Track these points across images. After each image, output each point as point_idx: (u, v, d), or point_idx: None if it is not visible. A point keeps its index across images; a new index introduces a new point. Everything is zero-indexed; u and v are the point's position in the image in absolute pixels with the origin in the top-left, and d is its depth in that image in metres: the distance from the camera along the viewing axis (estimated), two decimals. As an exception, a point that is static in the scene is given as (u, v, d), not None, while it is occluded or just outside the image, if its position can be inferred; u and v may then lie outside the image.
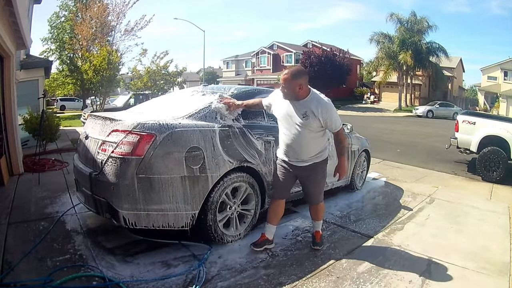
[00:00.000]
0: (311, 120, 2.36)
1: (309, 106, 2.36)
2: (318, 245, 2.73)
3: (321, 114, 2.34)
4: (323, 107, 2.35)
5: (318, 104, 2.36)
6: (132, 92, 15.99)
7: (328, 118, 2.37)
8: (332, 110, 2.40)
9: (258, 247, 2.63)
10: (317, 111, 2.34)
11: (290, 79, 2.34)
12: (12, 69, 4.67)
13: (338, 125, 2.45)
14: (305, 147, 2.48)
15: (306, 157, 2.50)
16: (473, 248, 2.94)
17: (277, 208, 2.69)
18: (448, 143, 7.04)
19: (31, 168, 4.82)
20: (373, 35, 28.17)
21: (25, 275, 2.10)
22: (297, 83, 2.33)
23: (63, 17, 19.19)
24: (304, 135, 2.42)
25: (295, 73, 2.36)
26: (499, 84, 27.18)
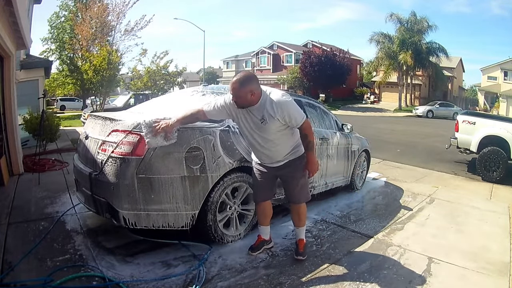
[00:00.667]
0: (271, 123, 2.20)
1: (264, 110, 2.19)
2: (301, 255, 2.54)
3: (278, 114, 2.18)
4: (278, 106, 2.18)
5: (272, 104, 2.19)
6: (132, 92, 16.00)
7: (286, 115, 2.19)
8: (288, 105, 2.20)
9: (256, 250, 2.58)
10: (273, 112, 2.18)
11: (239, 87, 2.13)
12: (12, 69, 4.67)
13: (300, 119, 2.24)
14: (275, 150, 2.34)
15: (279, 158, 2.38)
16: (473, 248, 2.94)
17: (264, 210, 2.60)
18: (448, 143, 7.04)
19: (31, 168, 4.82)
20: (373, 35, 28.19)
21: (25, 275, 2.10)
22: (248, 90, 2.13)
23: (63, 17, 19.17)
24: (269, 139, 2.28)
25: (244, 80, 2.15)
26: (499, 84, 27.18)
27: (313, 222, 3.34)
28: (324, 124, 4.02)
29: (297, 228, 2.62)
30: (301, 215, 2.56)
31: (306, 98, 4.10)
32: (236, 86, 2.13)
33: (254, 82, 2.17)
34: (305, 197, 2.53)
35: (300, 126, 2.27)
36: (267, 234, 2.67)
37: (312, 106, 3.96)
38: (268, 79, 34.21)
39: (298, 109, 2.26)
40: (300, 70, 27.99)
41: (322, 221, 3.39)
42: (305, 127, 2.30)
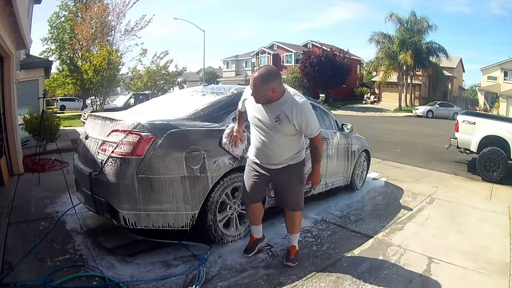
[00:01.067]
0: (285, 124, 2.10)
1: (282, 109, 2.09)
2: (291, 262, 2.42)
3: (296, 118, 2.07)
4: (298, 110, 2.07)
5: (293, 107, 2.07)
6: (132, 92, 16.00)
7: (304, 122, 2.10)
8: (309, 112, 2.11)
9: (250, 251, 2.51)
10: (291, 115, 2.07)
11: (260, 83, 2.02)
12: (12, 69, 4.67)
13: (315, 130, 2.17)
14: (278, 152, 2.24)
15: (279, 160, 2.27)
16: (473, 248, 2.94)
17: (254, 211, 2.49)
18: (448, 143, 7.04)
19: (31, 168, 4.82)
20: (372, 35, 28.21)
21: (25, 275, 2.10)
22: (270, 87, 2.02)
23: (63, 17, 19.18)
24: (277, 139, 2.18)
25: (267, 76, 2.02)
26: (499, 84, 27.18)
27: (313, 222, 3.34)
28: (324, 124, 4.02)
29: (290, 235, 2.51)
30: (296, 222, 2.46)
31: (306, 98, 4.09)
32: (258, 82, 2.02)
33: (277, 79, 2.06)
34: (301, 205, 2.44)
35: (314, 137, 2.21)
36: (260, 233, 2.60)
37: (312, 106, 3.95)
38: (268, 79, 34.21)
39: (315, 119, 2.19)
40: (300, 70, 28.00)
41: (322, 221, 3.39)
42: (318, 138, 2.24)
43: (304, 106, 2.10)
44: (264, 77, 2.02)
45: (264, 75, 2.02)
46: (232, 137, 2.51)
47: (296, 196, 2.39)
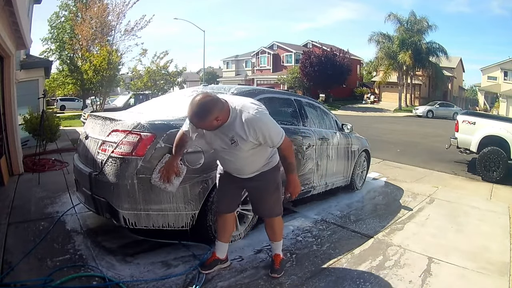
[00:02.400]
0: (242, 144, 1.88)
1: (234, 130, 1.86)
2: (277, 272, 2.26)
3: (251, 135, 1.84)
4: (250, 126, 1.83)
5: (243, 125, 1.83)
6: (132, 92, 16.00)
7: (260, 135, 1.85)
8: (262, 123, 1.85)
9: (207, 269, 2.25)
10: (244, 134, 1.84)
11: (198, 122, 1.79)
12: (12, 69, 4.67)
13: (277, 139, 1.90)
14: (247, 165, 2.06)
15: (250, 172, 2.10)
16: (473, 248, 2.94)
17: (225, 223, 2.29)
18: (448, 143, 7.05)
19: (31, 168, 4.82)
20: (372, 34, 28.20)
21: (25, 275, 2.10)
22: (210, 119, 1.77)
23: (63, 17, 19.17)
24: (241, 156, 1.98)
25: (201, 112, 1.74)
26: (499, 84, 27.19)
27: (313, 222, 3.34)
28: (324, 124, 4.02)
29: (272, 243, 2.34)
30: (276, 229, 2.29)
31: (306, 98, 4.10)
32: (195, 121, 1.80)
33: (215, 108, 1.77)
34: (278, 211, 2.25)
35: (279, 146, 1.95)
36: (223, 253, 2.34)
37: (312, 106, 3.96)
38: (268, 79, 34.26)
39: (274, 126, 1.91)
40: (300, 70, 28.01)
41: (322, 221, 3.39)
42: (284, 147, 1.96)
43: (255, 119, 1.83)
44: (200, 114, 1.75)
45: (198, 112, 1.75)
46: (165, 173, 2.15)
47: (272, 203, 2.20)
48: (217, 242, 2.33)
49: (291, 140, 3.21)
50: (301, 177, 3.42)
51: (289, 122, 3.44)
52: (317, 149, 3.63)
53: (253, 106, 1.88)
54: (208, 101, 1.76)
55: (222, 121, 1.83)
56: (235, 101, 1.90)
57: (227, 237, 2.35)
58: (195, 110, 1.75)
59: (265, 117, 1.88)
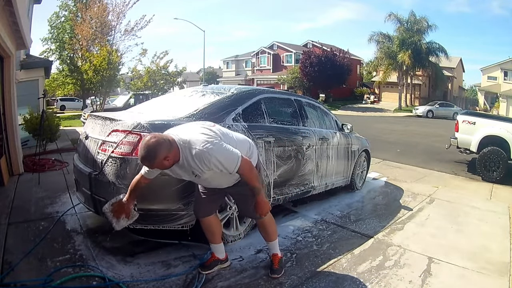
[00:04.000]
0: (202, 173, 1.90)
1: (190, 165, 1.87)
2: (276, 273, 2.25)
3: (207, 167, 1.84)
4: (201, 160, 1.82)
5: (195, 162, 1.83)
6: (132, 92, 15.99)
7: (214, 166, 1.84)
8: (212, 155, 1.81)
9: (207, 269, 2.26)
10: (199, 169, 1.86)
11: (149, 164, 1.83)
12: (12, 69, 4.67)
13: (232, 167, 1.87)
14: (223, 181, 2.08)
15: (229, 183, 2.11)
16: (473, 248, 2.94)
17: (210, 226, 2.24)
18: (448, 143, 7.05)
19: (31, 168, 4.82)
20: (372, 34, 28.16)
21: (25, 275, 2.10)
22: (160, 160, 1.78)
23: (63, 17, 19.17)
24: (213, 177, 1.98)
25: (148, 156, 1.75)
26: (499, 84, 27.18)
27: (313, 222, 3.34)
28: (324, 124, 4.02)
29: (268, 243, 2.34)
30: (269, 229, 2.27)
31: (306, 98, 4.10)
32: (146, 164, 1.83)
33: (161, 150, 1.76)
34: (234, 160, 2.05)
35: (238, 171, 1.90)
36: (222, 253, 2.34)
37: (312, 106, 3.96)
38: (268, 79, 34.25)
39: (226, 155, 1.86)
40: (300, 70, 28.00)
41: (322, 221, 3.39)
42: (242, 172, 1.91)
43: (202, 154, 1.81)
44: (147, 157, 1.76)
45: (146, 156, 1.76)
46: (116, 210, 2.11)
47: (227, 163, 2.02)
48: (211, 245, 2.32)
49: (291, 140, 3.25)
50: (301, 177, 3.43)
51: (289, 122, 3.44)
52: (317, 149, 3.63)
53: (200, 139, 1.84)
54: (153, 144, 1.75)
55: (173, 159, 1.83)
56: (183, 137, 1.86)
57: (217, 238, 2.31)
58: (142, 154, 1.76)
59: (213, 149, 1.82)
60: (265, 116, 3.12)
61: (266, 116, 3.13)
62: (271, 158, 2.98)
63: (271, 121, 3.15)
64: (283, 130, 3.23)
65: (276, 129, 3.14)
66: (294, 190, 3.38)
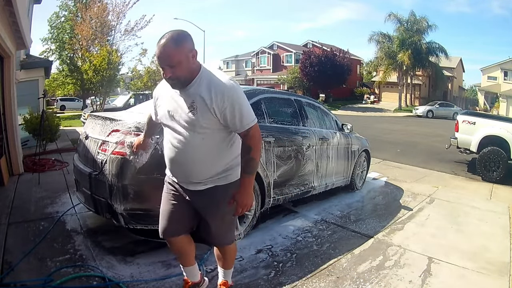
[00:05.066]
0: (201, 113, 1.47)
1: (198, 91, 1.48)
2: None
3: (216, 101, 1.45)
4: (219, 91, 1.45)
5: (211, 86, 1.47)
6: (132, 92, 15.99)
7: (230, 106, 1.46)
8: (235, 93, 1.48)
9: None
10: (209, 97, 1.45)
11: (174, 47, 1.42)
12: (12, 69, 4.67)
13: (248, 119, 1.50)
14: (198, 162, 1.56)
15: (200, 178, 1.59)
16: (473, 248, 2.94)
17: (180, 248, 1.79)
18: (448, 143, 7.05)
19: (31, 168, 4.82)
20: (372, 34, 28.18)
21: (25, 275, 2.10)
22: (187, 50, 1.45)
23: (63, 17, 19.19)
24: (194, 142, 1.53)
25: (178, 37, 1.44)
26: (499, 84, 27.17)
27: (313, 222, 3.34)
28: (324, 124, 4.02)
29: (226, 270, 1.92)
30: (229, 258, 1.87)
31: (306, 98, 4.10)
32: (171, 46, 1.41)
33: (191, 39, 1.49)
34: (231, 237, 1.79)
35: (246, 130, 1.51)
36: (196, 275, 1.93)
37: (312, 106, 3.97)
38: (268, 79, 34.24)
39: (248, 104, 1.54)
40: (300, 70, 28.00)
41: (322, 221, 3.39)
42: (253, 134, 1.52)
43: (226, 87, 1.48)
44: (176, 39, 1.43)
45: (174, 37, 1.43)
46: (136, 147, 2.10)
47: (225, 228, 1.71)
48: (182, 268, 1.90)
49: (291, 140, 3.25)
50: (301, 178, 3.43)
51: (289, 122, 3.44)
52: (317, 149, 3.63)
53: (226, 77, 1.54)
54: (185, 31, 1.49)
55: (195, 65, 1.49)
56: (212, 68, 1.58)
57: (190, 259, 1.86)
58: (170, 35, 1.43)
59: (239, 90, 1.52)
60: (265, 116, 3.12)
61: (266, 116, 3.13)
62: (271, 158, 2.98)
63: (271, 121, 3.16)
64: (283, 130, 3.23)
65: (276, 129, 3.14)
66: (294, 190, 3.38)
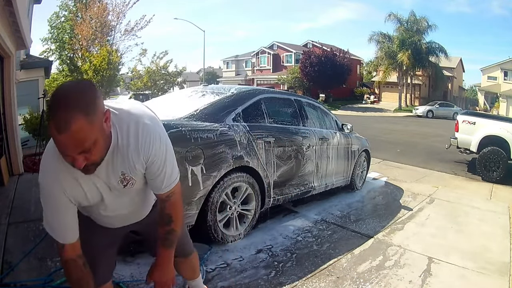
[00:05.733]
0: (136, 177, 1.19)
1: (128, 154, 1.13)
2: None
3: (151, 158, 1.16)
4: (150, 143, 1.14)
5: (140, 139, 1.13)
6: (132, 92, 16.01)
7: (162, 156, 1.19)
8: (167, 141, 1.22)
9: None
10: (143, 157, 1.14)
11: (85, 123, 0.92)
12: (12, 69, 4.67)
13: (175, 174, 1.27)
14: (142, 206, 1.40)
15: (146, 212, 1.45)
16: (473, 248, 2.94)
17: None
18: (448, 143, 7.05)
19: (31, 168, 4.82)
20: (372, 34, 28.15)
21: (25, 275, 2.10)
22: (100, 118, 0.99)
23: (63, 17, 19.14)
24: (134, 201, 1.30)
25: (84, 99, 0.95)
26: (499, 84, 27.17)
27: (313, 222, 3.34)
28: (324, 124, 4.03)
29: (194, 280, 1.75)
30: (194, 266, 1.70)
31: (306, 98, 4.11)
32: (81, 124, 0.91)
33: (97, 93, 1.01)
34: (190, 247, 1.64)
35: (169, 192, 1.26)
36: None
37: (312, 106, 3.97)
38: (268, 79, 34.25)
39: (173, 155, 1.27)
40: (300, 70, 28.00)
41: (322, 221, 3.39)
42: (176, 191, 1.29)
43: (154, 133, 1.17)
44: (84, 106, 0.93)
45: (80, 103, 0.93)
46: None
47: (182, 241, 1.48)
48: None
49: (291, 140, 3.25)
50: (301, 178, 3.43)
51: (289, 122, 3.44)
52: (317, 149, 3.63)
53: (147, 113, 1.21)
54: (83, 86, 1.00)
55: (108, 125, 1.03)
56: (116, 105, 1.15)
57: None
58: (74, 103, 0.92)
59: (166, 136, 1.24)
60: (265, 116, 3.12)
61: (266, 116, 3.13)
62: (271, 158, 2.98)
63: (271, 121, 3.15)
64: (283, 130, 3.23)
65: (276, 129, 3.14)
66: (294, 191, 3.38)
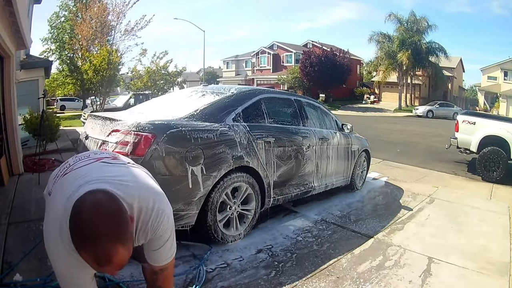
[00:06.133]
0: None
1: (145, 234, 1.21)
2: None
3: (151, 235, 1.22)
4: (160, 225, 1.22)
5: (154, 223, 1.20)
6: (132, 92, 16.00)
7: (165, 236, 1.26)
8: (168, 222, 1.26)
9: None
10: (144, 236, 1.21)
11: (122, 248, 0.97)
12: (12, 69, 4.67)
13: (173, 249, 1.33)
14: None
15: None
16: (473, 248, 2.94)
17: None
18: (448, 143, 7.05)
19: (31, 168, 4.82)
20: (372, 34, 28.16)
21: (25, 275, 2.10)
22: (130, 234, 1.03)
23: (63, 17, 19.19)
24: None
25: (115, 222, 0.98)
26: (499, 84, 27.18)
27: (313, 222, 3.34)
28: (324, 124, 4.03)
29: None
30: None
31: (306, 98, 4.11)
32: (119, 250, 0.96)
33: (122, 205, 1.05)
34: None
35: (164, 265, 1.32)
36: None
37: (312, 106, 3.97)
38: (268, 79, 34.25)
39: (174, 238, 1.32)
40: (300, 70, 28.00)
41: (322, 221, 3.39)
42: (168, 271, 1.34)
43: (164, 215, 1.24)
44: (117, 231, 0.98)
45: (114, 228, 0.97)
46: None
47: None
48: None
49: (291, 140, 3.25)
50: (301, 178, 3.43)
51: (289, 122, 3.45)
52: (317, 149, 3.63)
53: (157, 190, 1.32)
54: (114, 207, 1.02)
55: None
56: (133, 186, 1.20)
57: None
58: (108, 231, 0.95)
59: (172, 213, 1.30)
60: (265, 116, 3.12)
61: (266, 116, 3.13)
62: (271, 158, 2.98)
63: (271, 121, 3.16)
64: (283, 130, 3.23)
65: (276, 129, 3.14)
66: (294, 191, 3.38)
